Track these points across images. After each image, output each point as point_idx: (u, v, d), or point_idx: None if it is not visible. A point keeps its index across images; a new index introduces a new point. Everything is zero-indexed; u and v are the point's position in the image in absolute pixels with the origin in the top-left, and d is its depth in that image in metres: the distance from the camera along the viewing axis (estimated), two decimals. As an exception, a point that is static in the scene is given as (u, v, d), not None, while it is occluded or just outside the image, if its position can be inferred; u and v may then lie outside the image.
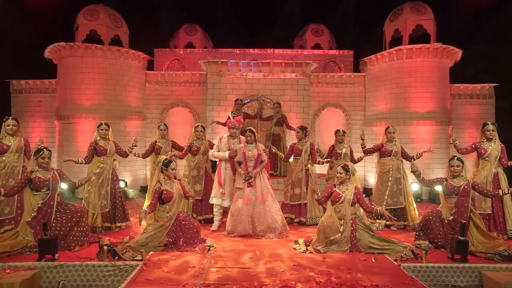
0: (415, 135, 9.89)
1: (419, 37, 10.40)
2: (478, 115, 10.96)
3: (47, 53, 10.02)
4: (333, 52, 12.50)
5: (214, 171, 6.49)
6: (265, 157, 5.95)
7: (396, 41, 10.50)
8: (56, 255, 4.22)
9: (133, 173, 10.33)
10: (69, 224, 4.79)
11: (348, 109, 11.17)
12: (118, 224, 5.94)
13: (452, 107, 10.70)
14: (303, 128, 6.73)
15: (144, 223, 4.98)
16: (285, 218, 6.06)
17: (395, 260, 4.25)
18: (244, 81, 9.90)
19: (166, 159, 5.01)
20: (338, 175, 4.99)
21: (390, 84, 10.27)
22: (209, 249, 4.84)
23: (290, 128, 8.84)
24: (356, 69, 11.87)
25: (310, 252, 4.76)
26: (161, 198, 4.85)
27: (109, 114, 9.85)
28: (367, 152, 6.65)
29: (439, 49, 9.72)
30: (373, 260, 4.30)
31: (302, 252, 4.85)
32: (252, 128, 6.01)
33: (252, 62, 9.79)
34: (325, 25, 13.06)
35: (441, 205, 5.24)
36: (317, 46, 12.75)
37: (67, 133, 9.77)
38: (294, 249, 5.01)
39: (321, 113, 11.14)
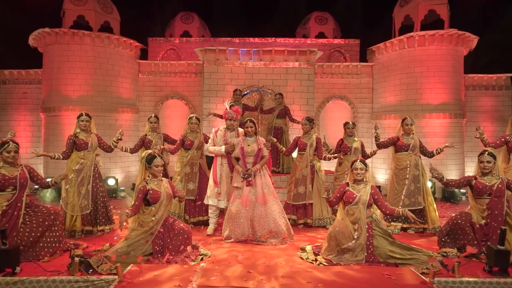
0: (427, 128, 9.19)
1: (432, 23, 9.68)
2: (494, 108, 10.26)
3: (31, 41, 9.31)
4: (338, 41, 11.77)
5: (209, 168, 5.81)
6: (266, 152, 5.27)
7: (406, 28, 9.78)
8: (18, 268, 3.55)
9: (125, 169, 9.66)
10: (40, 229, 4.12)
11: (354, 101, 10.48)
12: (101, 228, 5.26)
13: (466, 99, 9.99)
14: (310, 120, 6.05)
15: (131, 225, 4.30)
16: (288, 220, 5.39)
17: (423, 274, 3.57)
18: (243, 70, 9.19)
19: (149, 154, 4.32)
20: (359, 171, 4.29)
21: (400, 74, 9.56)
22: (202, 259, 4.16)
23: (293, 120, 8.15)
24: (363, 59, 11.15)
25: (321, 264, 4.08)
26: (146, 199, 4.17)
27: (99, 106, 9.17)
28: (381, 146, 5.96)
29: (454, 36, 9.00)
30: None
31: (311, 262, 4.17)
32: (253, 119, 5.33)
33: (252, 50, 9.07)
34: (329, 13, 12.32)
35: (469, 206, 4.56)
36: (321, 35, 12.02)
37: (53, 126, 9.08)
38: (301, 258, 4.34)
39: (325, 106, 10.45)
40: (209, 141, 5.62)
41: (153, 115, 6.37)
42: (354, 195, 4.26)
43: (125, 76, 9.71)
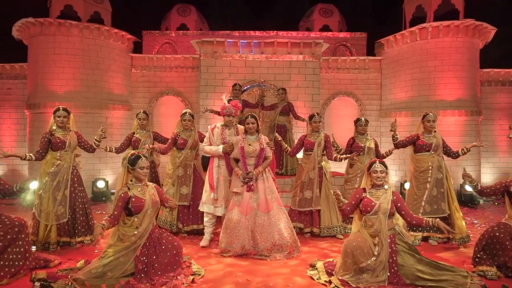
0: (441, 127, 8.47)
1: (445, 14, 9.01)
2: (511, 105, 9.62)
3: (15, 32, 8.65)
4: (343, 34, 11.10)
5: (205, 170, 5.15)
6: (269, 153, 4.62)
7: (418, 20, 9.09)
8: (-35, 295, 2.90)
9: (116, 170, 8.99)
10: (0, 244, 3.46)
11: (361, 98, 9.82)
12: (79, 239, 4.60)
13: (481, 95, 9.33)
14: (319, 117, 5.42)
15: (109, 240, 3.64)
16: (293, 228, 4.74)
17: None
18: (243, 64, 8.53)
19: (132, 154, 3.66)
20: (379, 175, 3.64)
21: (412, 69, 8.91)
22: (192, 280, 3.51)
23: (297, 118, 7.48)
24: (370, 53, 10.47)
25: (336, 286, 3.41)
26: (128, 208, 3.51)
27: (87, 103, 8.52)
28: (399, 145, 5.31)
29: (470, 27, 8.35)
30: None
31: (324, 284, 3.51)
32: (255, 114, 4.67)
33: (253, 42, 8.41)
34: (334, 5, 11.66)
35: (506, 216, 3.91)
36: (325, 28, 11.35)
37: (38, 124, 8.42)
38: (312, 278, 3.68)
39: (331, 103, 9.80)
40: (205, 139, 4.97)
41: (141, 110, 5.73)
42: (373, 203, 3.60)
43: (116, 70, 9.05)
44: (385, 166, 3.70)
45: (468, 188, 7.77)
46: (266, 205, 4.43)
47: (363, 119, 5.68)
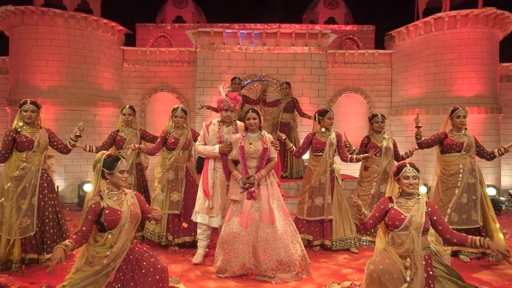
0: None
1: (462, 4, 8.36)
2: (532, 102, 8.95)
3: (-5, 22, 7.98)
4: (350, 27, 10.42)
5: (200, 173, 4.46)
6: (274, 153, 3.93)
7: (432, 10, 8.43)
8: None
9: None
10: None
11: (370, 94, 9.14)
12: (49, 255, 3.89)
13: (499, 91, 8.63)
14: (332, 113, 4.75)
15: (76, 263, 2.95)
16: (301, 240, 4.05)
17: None
18: (243, 56, 7.83)
19: (108, 155, 2.96)
20: (411, 181, 2.94)
21: (426, 62, 8.23)
22: (180, 313, 2.82)
23: (303, 115, 6.78)
24: (379, 47, 9.79)
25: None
26: (100, 222, 2.82)
27: (74, 99, 7.84)
28: (424, 145, 4.62)
29: (491, 16, 7.66)
30: None
31: (344, 319, 2.82)
32: (256, 108, 3.99)
33: (254, 32, 7.71)
34: (340, -4, 10.97)
35: None
36: (331, 21, 10.66)
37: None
38: (327, 308, 2.99)
39: (337, 100, 9.13)
40: (199, 138, 4.27)
41: (127, 106, 5.03)
42: (402, 216, 2.91)
43: (106, 64, 8.36)
44: (417, 170, 3.01)
45: (491, 191, 7.07)
46: (270, 215, 3.73)
47: (379, 115, 4.99)
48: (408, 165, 3.00)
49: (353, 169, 7.88)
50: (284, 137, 4.59)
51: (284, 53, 7.81)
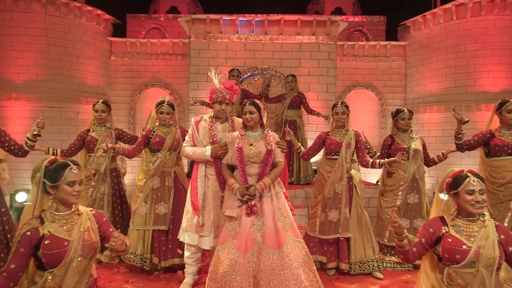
0: (484, 124, 6.97)
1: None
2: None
3: (-35, 9, 7.14)
4: (358, 18, 9.58)
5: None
6: (281, 157, 3.11)
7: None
8: None
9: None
10: None
11: (382, 90, 8.32)
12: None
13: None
14: (347, 107, 3.92)
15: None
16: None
17: None
18: (243, 46, 7.00)
19: (51, 161, 2.12)
20: (477, 197, 2.11)
21: (446, 54, 7.40)
22: None
23: (310, 112, 5.96)
24: (390, 40, 8.94)
25: None
26: (37, 257, 1.99)
27: (53, 95, 7.02)
28: (465, 147, 3.81)
29: (520, 2, 6.84)
30: None
31: None
32: (257, 101, 3.17)
33: (255, 20, 6.89)
34: (347, -15, 10.14)
35: None
36: (338, 11, 9.79)
37: (-9, 121, 6.90)
38: None
39: (346, 96, 8.30)
40: (186, 138, 3.44)
41: (100, 101, 4.19)
42: (465, 247, 2.07)
43: (90, 56, 7.54)
44: (483, 180, 2.18)
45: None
46: (276, 236, 2.90)
47: (406, 110, 4.16)
48: (470, 174, 2.16)
49: (366, 173, 7.06)
50: (291, 135, 3.76)
51: (288, 43, 6.97)
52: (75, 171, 2.09)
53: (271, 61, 6.96)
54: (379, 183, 5.43)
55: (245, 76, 6.90)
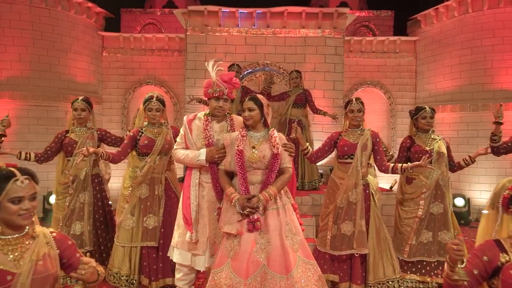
0: (503, 125, 6.53)
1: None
2: None
3: None
4: (365, 13, 9.12)
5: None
6: (288, 162, 2.63)
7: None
8: None
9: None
10: None
11: (391, 88, 7.87)
12: None
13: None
14: (363, 104, 3.45)
15: None
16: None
17: None
18: (243, 40, 6.52)
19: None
20: None
21: (460, 50, 6.94)
22: None
23: (316, 111, 5.47)
24: (399, 35, 8.48)
25: None
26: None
27: (40, 93, 6.56)
28: (501, 150, 3.36)
29: (542, -7, 6.37)
30: None
31: None
32: (259, 96, 2.68)
33: (256, 12, 6.41)
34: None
35: None
36: (343, 6, 9.31)
37: (-27, 120, 6.42)
38: None
39: (352, 95, 7.81)
40: (178, 139, 2.96)
41: (80, 97, 3.71)
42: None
43: (80, 52, 7.07)
44: None
45: None
46: (284, 258, 2.41)
47: (427, 108, 3.68)
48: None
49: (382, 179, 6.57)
50: (299, 133, 3.27)
51: (292, 36, 6.49)
52: (22, 183, 1.59)
53: (274, 56, 6.47)
54: (392, 189, 4.99)
55: (245, 73, 6.41)
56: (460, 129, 6.89)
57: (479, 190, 6.63)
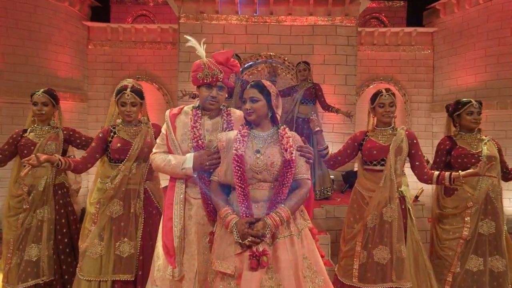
0: (535, 124, 5.84)
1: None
2: None
3: None
4: (376, 4, 8.40)
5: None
6: (305, 172, 1.91)
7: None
8: None
9: None
10: None
11: (406, 85, 7.19)
12: None
13: None
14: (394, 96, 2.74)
15: None
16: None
17: None
18: (243, 29, 5.81)
19: None
20: None
21: (485, 41, 6.25)
22: None
23: (327, 108, 4.77)
24: (414, 26, 7.81)
25: None
26: None
27: (15, 88, 5.85)
28: None
29: None
30: None
31: None
32: (265, 82, 1.96)
33: (258, -4, 5.70)
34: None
35: None
36: (351, -4, 8.65)
37: None
38: None
39: (364, 92, 7.19)
40: (157, 140, 2.24)
41: (41, 90, 2.98)
42: None
43: (62, 43, 6.37)
44: None
45: None
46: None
47: (473, 101, 2.98)
48: None
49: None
50: (317, 129, 2.58)
51: (299, 25, 5.77)
52: None
53: (278, 47, 5.76)
54: (418, 199, 4.29)
55: (246, 66, 5.70)
56: (485, 130, 6.09)
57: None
